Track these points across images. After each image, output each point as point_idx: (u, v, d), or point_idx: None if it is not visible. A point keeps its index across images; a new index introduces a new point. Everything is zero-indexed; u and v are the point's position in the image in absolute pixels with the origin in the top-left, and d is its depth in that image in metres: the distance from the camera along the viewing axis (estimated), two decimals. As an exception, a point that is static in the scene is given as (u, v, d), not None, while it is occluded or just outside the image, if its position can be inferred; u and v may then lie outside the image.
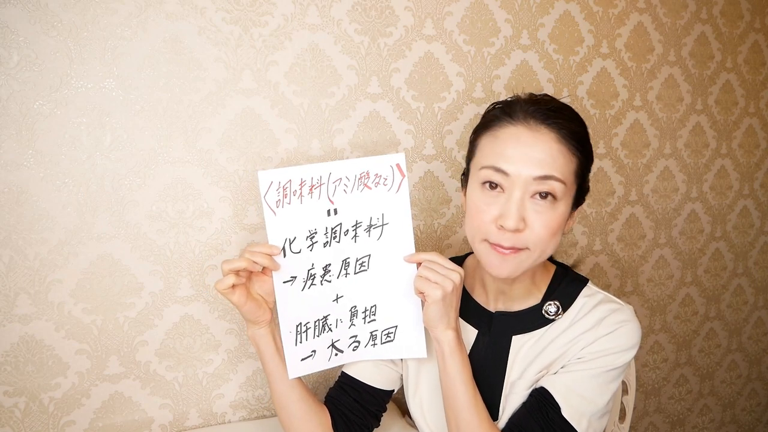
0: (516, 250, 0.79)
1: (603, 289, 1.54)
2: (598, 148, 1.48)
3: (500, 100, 0.89)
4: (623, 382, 1.20)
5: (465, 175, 0.90)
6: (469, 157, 0.88)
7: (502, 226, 0.77)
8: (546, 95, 0.87)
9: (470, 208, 0.83)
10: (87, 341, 1.05)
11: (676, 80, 1.56)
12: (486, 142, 0.83)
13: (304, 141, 1.16)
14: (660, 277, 1.65)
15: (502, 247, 0.79)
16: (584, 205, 1.48)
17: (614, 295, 1.62)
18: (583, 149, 0.82)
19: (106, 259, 1.05)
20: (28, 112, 0.98)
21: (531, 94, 0.86)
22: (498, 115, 0.83)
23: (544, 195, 0.78)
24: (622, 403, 1.21)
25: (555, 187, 0.78)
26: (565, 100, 1.40)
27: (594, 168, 1.48)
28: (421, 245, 1.31)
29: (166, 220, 1.08)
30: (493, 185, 0.80)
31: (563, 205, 0.80)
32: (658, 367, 1.71)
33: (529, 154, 0.78)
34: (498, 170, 0.78)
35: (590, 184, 1.49)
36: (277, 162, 1.15)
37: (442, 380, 0.84)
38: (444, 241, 1.33)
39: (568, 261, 1.50)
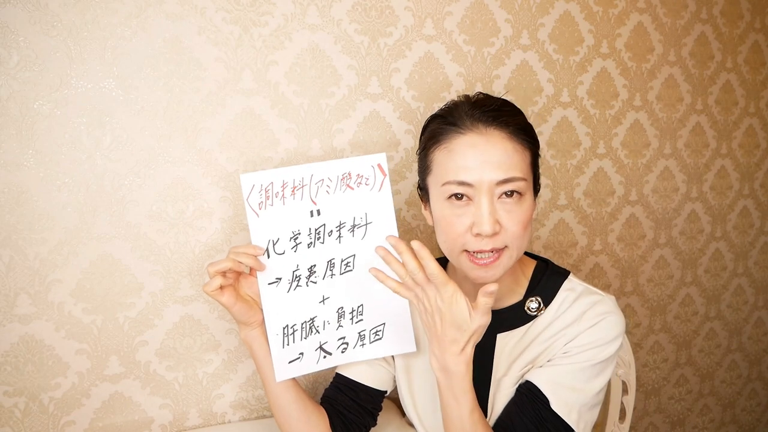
0: (498, 253, 0.80)
1: (603, 289, 1.55)
2: (598, 148, 1.48)
3: (436, 111, 0.88)
4: (623, 382, 1.20)
5: (422, 190, 0.89)
6: (424, 173, 0.87)
7: (478, 233, 0.78)
8: (480, 93, 0.87)
9: (440, 223, 0.83)
10: (87, 341, 1.05)
11: (676, 80, 1.56)
12: (441, 158, 0.82)
13: (304, 141, 1.16)
14: (660, 277, 1.65)
15: (484, 253, 0.79)
16: (584, 205, 1.49)
17: (614, 295, 1.61)
18: (532, 139, 0.84)
19: (106, 259, 1.05)
20: (28, 112, 0.98)
21: (467, 96, 0.86)
22: (444, 127, 0.83)
23: (509, 194, 0.79)
24: (622, 403, 1.21)
25: (519, 185, 0.79)
26: (565, 101, 1.41)
27: (594, 168, 1.49)
28: (421, 245, 1.31)
29: (166, 220, 1.08)
30: (459, 196, 0.80)
31: (529, 198, 0.82)
32: (658, 367, 1.71)
33: (487, 159, 0.78)
34: (461, 183, 0.79)
35: (591, 183, 1.48)
36: (277, 162, 1.15)
37: (444, 415, 0.79)
38: (444, 241, 1.33)
39: (567, 261, 1.50)
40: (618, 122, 1.50)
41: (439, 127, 0.84)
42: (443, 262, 1.01)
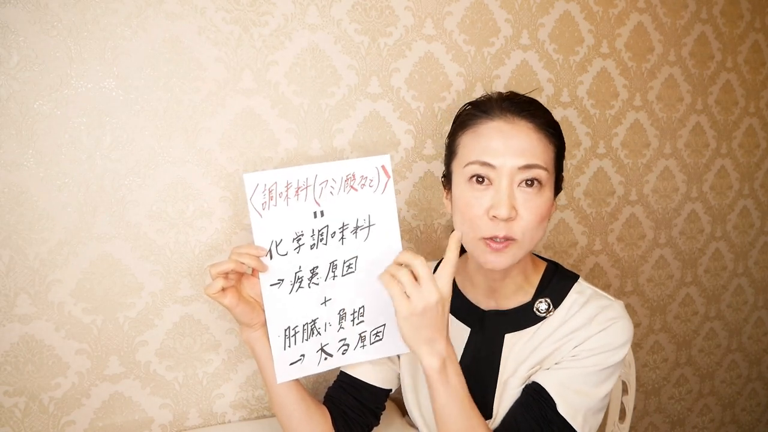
0: (508, 242, 0.80)
1: (603, 289, 1.55)
2: (598, 148, 1.48)
3: (472, 100, 0.90)
4: (623, 382, 1.20)
5: (446, 178, 0.91)
6: (449, 159, 0.89)
7: (495, 216, 0.79)
8: (512, 92, 0.89)
9: (459, 205, 0.84)
10: (87, 341, 1.05)
11: (676, 80, 1.56)
12: (467, 140, 0.84)
13: (304, 141, 1.16)
14: (660, 277, 1.65)
15: (497, 239, 0.80)
16: (584, 205, 1.49)
17: (614, 295, 1.62)
18: (558, 136, 0.86)
19: (106, 259, 1.05)
20: (28, 112, 0.98)
21: (499, 93, 0.88)
22: (475, 113, 0.85)
23: (530, 183, 0.80)
24: (622, 403, 1.21)
25: (539, 174, 0.80)
26: (565, 101, 1.41)
27: (594, 168, 1.49)
28: (421, 245, 1.31)
29: (166, 220, 1.08)
30: (480, 179, 0.81)
31: (548, 191, 0.83)
32: (658, 367, 1.71)
33: (512, 144, 0.80)
34: (484, 164, 0.80)
35: (591, 183, 1.48)
36: (277, 162, 1.15)
37: (432, 406, 0.80)
38: (444, 241, 1.33)
39: (567, 261, 1.50)
40: (618, 122, 1.50)
41: (471, 113, 0.86)
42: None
